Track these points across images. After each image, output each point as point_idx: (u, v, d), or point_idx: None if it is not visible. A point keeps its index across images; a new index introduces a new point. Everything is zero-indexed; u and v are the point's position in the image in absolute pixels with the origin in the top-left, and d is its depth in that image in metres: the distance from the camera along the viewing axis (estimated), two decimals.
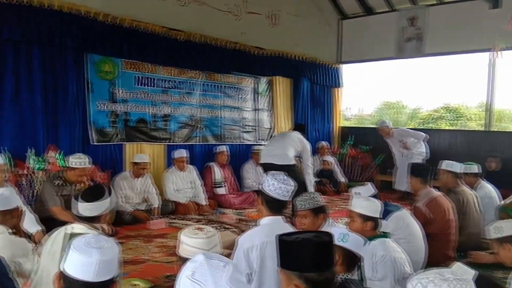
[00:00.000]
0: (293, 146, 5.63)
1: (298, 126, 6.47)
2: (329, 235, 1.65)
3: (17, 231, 2.80)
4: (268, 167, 5.28)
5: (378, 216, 2.97)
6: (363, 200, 2.97)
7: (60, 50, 5.35)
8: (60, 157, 5.08)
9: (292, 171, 5.17)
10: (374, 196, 3.79)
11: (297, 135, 5.86)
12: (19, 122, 5.09)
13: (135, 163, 5.78)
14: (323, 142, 8.62)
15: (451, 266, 1.89)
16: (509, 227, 2.91)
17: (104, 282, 1.59)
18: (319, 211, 3.19)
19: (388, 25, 8.66)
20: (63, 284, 1.62)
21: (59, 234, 2.47)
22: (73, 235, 2.41)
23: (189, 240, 1.99)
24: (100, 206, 2.51)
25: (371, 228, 2.94)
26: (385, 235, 3.02)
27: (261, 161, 5.79)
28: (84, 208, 2.49)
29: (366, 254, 2.60)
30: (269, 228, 2.54)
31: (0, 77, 4.92)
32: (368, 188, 3.84)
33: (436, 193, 4.35)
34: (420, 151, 7.46)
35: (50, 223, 2.65)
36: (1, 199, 2.70)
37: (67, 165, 4.66)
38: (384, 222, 3.66)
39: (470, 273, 1.70)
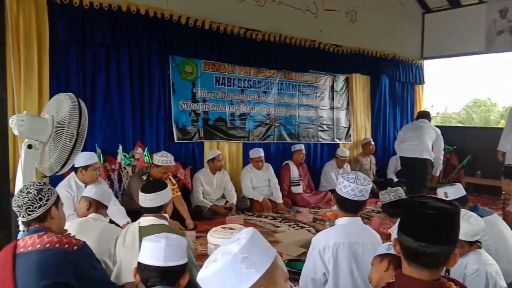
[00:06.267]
0: (430, 139, 6.03)
1: (425, 114, 6.52)
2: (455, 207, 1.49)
3: None
4: (404, 161, 6.14)
5: (479, 238, 2.70)
6: (464, 223, 2.66)
7: (146, 52, 5.63)
8: (146, 153, 5.39)
9: (425, 164, 5.90)
10: (464, 197, 3.54)
11: (430, 125, 6.25)
12: (110, 120, 5.43)
13: (210, 160, 5.96)
14: None
15: None
16: None
17: (174, 268, 1.75)
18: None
19: (475, 18, 8.13)
20: (139, 275, 1.81)
21: (134, 227, 2.66)
22: (145, 227, 2.61)
23: (210, 239, 2.05)
24: (157, 197, 2.67)
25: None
26: (479, 245, 2.78)
27: (400, 155, 6.25)
28: (144, 199, 2.68)
29: (456, 264, 2.43)
30: (344, 229, 2.50)
31: (93, 79, 5.26)
32: (458, 189, 3.59)
33: None
34: None
35: (136, 216, 2.85)
36: (104, 194, 3.12)
37: (152, 162, 4.94)
38: None
39: None
